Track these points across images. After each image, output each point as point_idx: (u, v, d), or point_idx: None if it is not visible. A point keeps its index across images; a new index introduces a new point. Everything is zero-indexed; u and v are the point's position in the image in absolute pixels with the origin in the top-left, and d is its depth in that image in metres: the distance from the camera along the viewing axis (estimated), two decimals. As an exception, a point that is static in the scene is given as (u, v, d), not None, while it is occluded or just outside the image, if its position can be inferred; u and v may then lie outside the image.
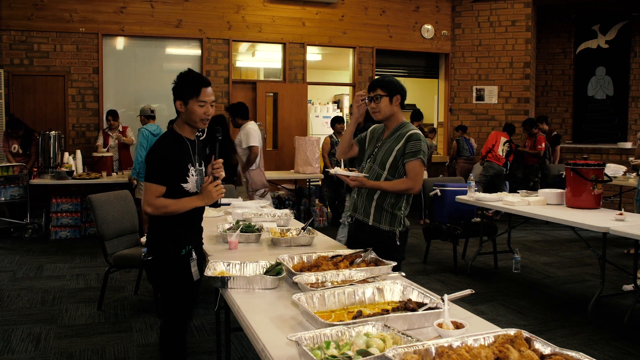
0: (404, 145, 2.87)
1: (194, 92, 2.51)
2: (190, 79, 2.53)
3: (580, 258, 6.35)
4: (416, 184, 2.88)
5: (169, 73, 8.60)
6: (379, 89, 2.94)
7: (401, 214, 2.95)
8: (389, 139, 2.97)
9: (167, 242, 2.56)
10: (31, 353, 3.58)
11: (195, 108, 2.51)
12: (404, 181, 2.88)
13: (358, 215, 3.02)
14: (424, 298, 1.97)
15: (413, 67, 10.32)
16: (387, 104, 2.94)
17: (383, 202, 2.93)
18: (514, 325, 3.92)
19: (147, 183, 2.50)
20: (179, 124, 2.62)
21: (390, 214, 2.93)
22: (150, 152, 2.55)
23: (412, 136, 2.88)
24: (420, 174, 2.89)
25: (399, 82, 3.01)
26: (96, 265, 5.78)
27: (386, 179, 2.92)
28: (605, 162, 5.10)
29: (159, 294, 2.70)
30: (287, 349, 1.63)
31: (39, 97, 8.02)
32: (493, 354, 1.41)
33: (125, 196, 4.65)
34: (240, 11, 8.81)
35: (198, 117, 2.53)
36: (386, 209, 2.92)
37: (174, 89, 2.56)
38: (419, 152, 2.86)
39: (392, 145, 2.92)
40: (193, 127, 2.60)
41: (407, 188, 2.88)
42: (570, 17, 10.57)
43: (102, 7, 8.13)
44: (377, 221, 2.94)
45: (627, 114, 10.38)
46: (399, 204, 2.93)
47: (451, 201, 5.69)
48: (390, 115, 2.97)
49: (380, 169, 2.93)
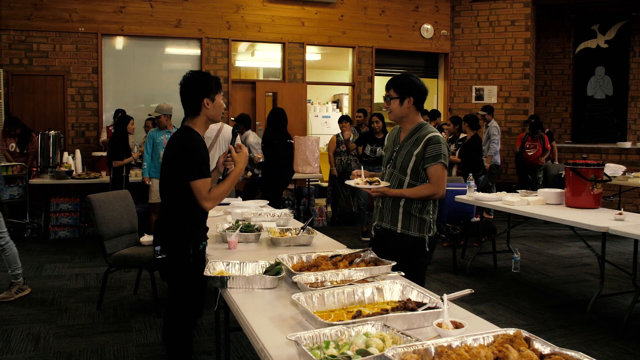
0: (424, 149, 2.79)
1: (217, 87, 2.68)
2: (209, 76, 2.69)
3: (580, 258, 6.35)
4: (439, 189, 2.81)
5: (168, 73, 8.60)
6: (391, 90, 2.89)
7: (430, 218, 2.88)
8: (406, 143, 2.89)
9: (185, 238, 2.62)
10: (30, 353, 3.58)
11: (221, 102, 2.71)
12: (427, 187, 2.81)
13: (385, 224, 2.94)
14: (424, 298, 1.97)
15: (412, 66, 10.32)
16: (398, 106, 2.87)
17: (410, 207, 2.85)
18: (513, 325, 3.92)
19: (194, 182, 2.55)
20: (195, 122, 2.69)
21: (419, 219, 2.86)
22: (190, 151, 2.59)
23: (432, 139, 2.79)
24: (442, 177, 2.81)
25: (418, 81, 2.89)
26: (95, 265, 5.78)
27: (409, 184, 2.85)
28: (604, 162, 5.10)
29: (173, 291, 2.72)
30: (287, 348, 1.63)
31: (39, 96, 8.01)
32: (492, 354, 1.41)
33: (124, 196, 4.64)
34: (239, 11, 8.81)
35: (222, 109, 2.72)
36: (414, 214, 2.85)
37: (198, 89, 2.64)
38: (440, 155, 2.78)
39: (411, 150, 2.84)
40: (213, 122, 2.77)
41: (430, 194, 2.81)
42: (570, 16, 10.57)
43: (101, 7, 8.13)
44: (406, 228, 2.86)
45: (626, 114, 10.38)
46: (426, 208, 2.86)
47: (450, 201, 5.69)
48: (402, 116, 2.90)
49: (402, 174, 2.86)
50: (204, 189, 2.57)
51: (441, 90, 10.43)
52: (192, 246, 2.63)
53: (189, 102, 2.66)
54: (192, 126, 2.68)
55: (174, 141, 2.69)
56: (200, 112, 2.66)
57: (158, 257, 2.64)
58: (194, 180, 2.55)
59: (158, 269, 2.84)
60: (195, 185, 2.56)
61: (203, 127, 2.71)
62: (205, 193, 2.58)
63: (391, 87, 2.90)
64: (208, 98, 2.64)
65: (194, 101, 2.64)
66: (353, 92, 9.70)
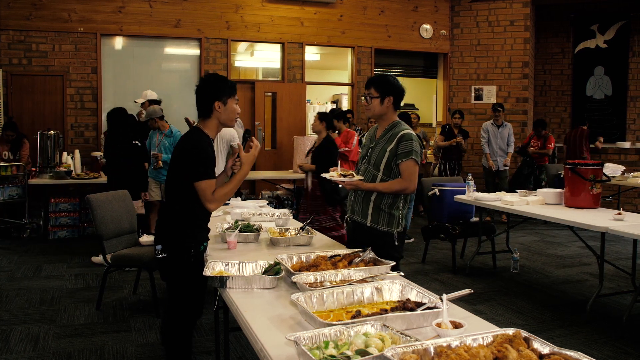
0: (397, 145, 2.90)
1: (231, 91, 2.65)
2: (223, 79, 2.68)
3: (579, 258, 6.36)
4: (411, 184, 2.92)
5: (167, 73, 8.60)
6: (372, 88, 2.99)
7: (399, 214, 2.96)
8: (381, 139, 3.00)
9: (187, 238, 2.62)
10: (30, 353, 3.58)
11: (234, 106, 2.67)
12: (399, 182, 2.91)
13: (356, 217, 3.06)
14: (423, 298, 1.97)
15: (412, 66, 10.32)
16: (378, 104, 2.98)
17: (380, 202, 2.95)
18: (512, 324, 3.92)
19: (199, 183, 2.55)
20: (207, 125, 2.68)
21: (388, 214, 2.95)
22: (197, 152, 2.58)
23: (404, 136, 2.91)
24: (414, 173, 2.92)
25: (396, 82, 3.02)
26: (95, 265, 5.78)
27: (382, 179, 2.94)
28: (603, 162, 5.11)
29: (173, 291, 2.72)
30: (286, 348, 1.63)
31: (38, 97, 8.00)
32: (492, 354, 1.41)
33: (124, 196, 4.64)
34: (238, 11, 8.81)
35: (235, 114, 2.69)
36: (384, 209, 2.95)
37: (210, 92, 2.62)
38: (412, 152, 2.89)
39: (385, 146, 2.95)
40: (225, 126, 2.74)
41: (401, 188, 2.91)
42: (569, 16, 10.58)
43: (100, 7, 8.12)
44: (375, 222, 2.96)
45: (625, 114, 10.38)
46: (396, 203, 2.95)
47: (450, 201, 5.69)
48: (380, 114, 3.01)
49: (375, 170, 2.97)
50: (208, 190, 2.57)
51: (440, 90, 10.43)
52: (193, 246, 2.63)
53: (200, 103, 2.66)
54: (202, 128, 2.67)
55: (182, 141, 2.70)
56: (211, 114, 2.65)
57: (158, 256, 2.64)
58: (199, 180, 2.55)
59: (158, 268, 2.84)
60: (200, 186, 2.56)
61: (214, 130, 2.69)
62: (209, 194, 2.57)
63: (372, 86, 2.99)
64: (220, 101, 2.62)
65: (205, 103, 2.64)
66: (352, 92, 9.70)
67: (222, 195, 2.62)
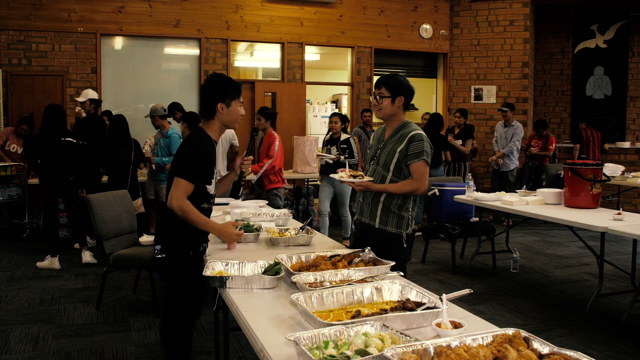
0: (407, 146, 2.87)
1: (235, 93, 2.61)
2: (228, 81, 2.63)
3: (579, 257, 6.36)
4: (421, 185, 2.88)
5: (167, 73, 8.60)
6: (383, 88, 2.94)
7: (408, 215, 2.94)
8: (390, 140, 2.96)
9: (186, 239, 2.60)
10: (29, 353, 3.58)
11: (237, 108, 2.63)
12: (409, 182, 2.88)
13: (364, 218, 3.02)
14: (423, 298, 1.97)
15: (411, 66, 10.32)
16: (389, 104, 2.94)
17: (390, 203, 2.91)
18: (512, 324, 3.92)
19: (178, 178, 2.51)
20: (209, 126, 2.65)
21: (398, 215, 2.91)
22: (189, 150, 2.56)
23: (415, 137, 2.87)
24: (425, 174, 2.88)
25: (407, 82, 2.99)
26: (94, 265, 5.77)
27: (391, 180, 2.91)
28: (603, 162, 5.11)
29: (172, 291, 2.71)
30: (286, 348, 1.63)
31: (37, 96, 7.99)
32: (491, 354, 1.41)
33: (123, 196, 4.65)
34: (238, 11, 8.81)
35: (239, 116, 2.65)
36: (393, 210, 2.91)
37: (213, 93, 2.58)
38: (422, 152, 2.85)
39: (395, 147, 2.91)
40: (228, 128, 2.71)
41: (412, 190, 2.87)
42: (569, 16, 10.58)
43: (100, 7, 8.12)
44: (384, 223, 2.93)
45: (625, 114, 10.39)
46: (405, 205, 2.92)
47: (450, 201, 5.69)
48: (391, 115, 2.97)
49: (385, 170, 2.93)
50: (182, 190, 2.51)
51: (440, 90, 10.43)
52: (192, 247, 2.62)
53: (203, 104, 2.63)
54: (206, 129, 2.65)
55: (184, 142, 2.69)
56: (214, 116, 2.61)
57: (158, 256, 2.64)
58: (180, 177, 2.51)
59: (157, 268, 2.83)
60: (178, 182, 2.51)
61: (217, 131, 2.66)
62: (181, 194, 2.50)
63: (383, 85, 2.95)
64: (223, 103, 2.59)
65: (208, 104, 2.60)
66: (352, 92, 9.70)
67: (188, 210, 2.50)
